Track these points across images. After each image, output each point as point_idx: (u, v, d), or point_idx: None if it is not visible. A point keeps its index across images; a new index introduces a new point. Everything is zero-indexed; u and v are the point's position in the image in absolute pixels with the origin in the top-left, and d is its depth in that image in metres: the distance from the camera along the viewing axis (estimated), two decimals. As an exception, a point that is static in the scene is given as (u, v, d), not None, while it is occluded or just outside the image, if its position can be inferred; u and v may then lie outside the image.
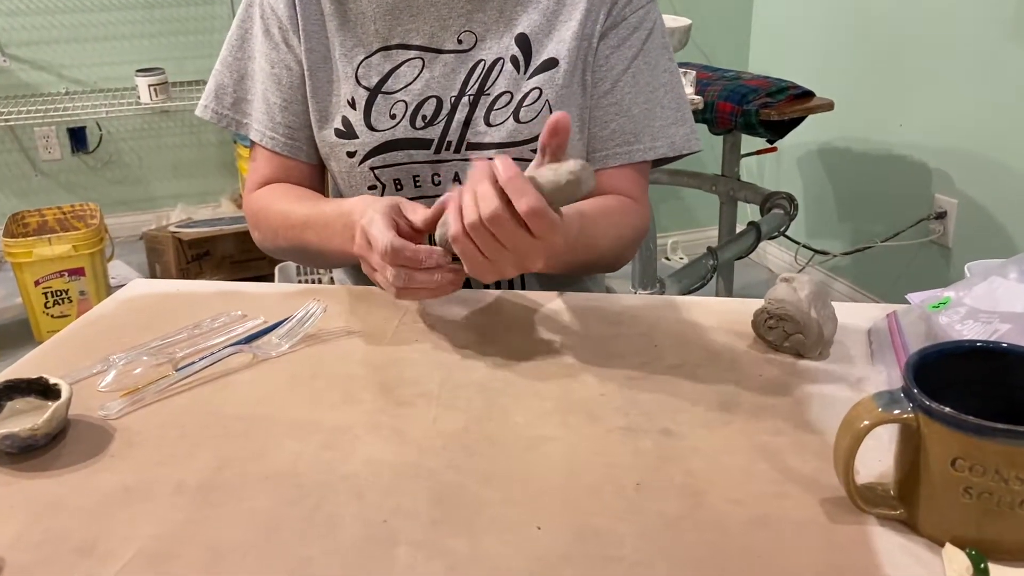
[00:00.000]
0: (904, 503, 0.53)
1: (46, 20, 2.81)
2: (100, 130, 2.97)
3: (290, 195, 0.93)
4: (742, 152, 2.36)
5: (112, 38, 2.87)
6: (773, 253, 2.95)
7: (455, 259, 0.72)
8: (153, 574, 0.50)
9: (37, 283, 2.35)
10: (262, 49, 0.93)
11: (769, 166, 2.92)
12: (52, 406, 0.61)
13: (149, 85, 2.71)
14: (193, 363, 0.71)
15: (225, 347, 0.73)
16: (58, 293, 2.38)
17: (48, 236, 2.36)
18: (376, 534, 0.53)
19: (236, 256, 2.68)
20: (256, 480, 0.58)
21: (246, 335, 0.76)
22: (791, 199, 2.19)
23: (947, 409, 0.48)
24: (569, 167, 0.65)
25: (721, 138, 2.34)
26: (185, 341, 0.76)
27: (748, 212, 2.80)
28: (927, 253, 2.34)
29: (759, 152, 2.42)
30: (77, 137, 2.96)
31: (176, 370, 0.70)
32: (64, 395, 0.62)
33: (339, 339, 0.77)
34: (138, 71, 2.71)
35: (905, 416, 0.51)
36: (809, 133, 2.52)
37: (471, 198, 0.66)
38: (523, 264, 0.68)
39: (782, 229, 2.19)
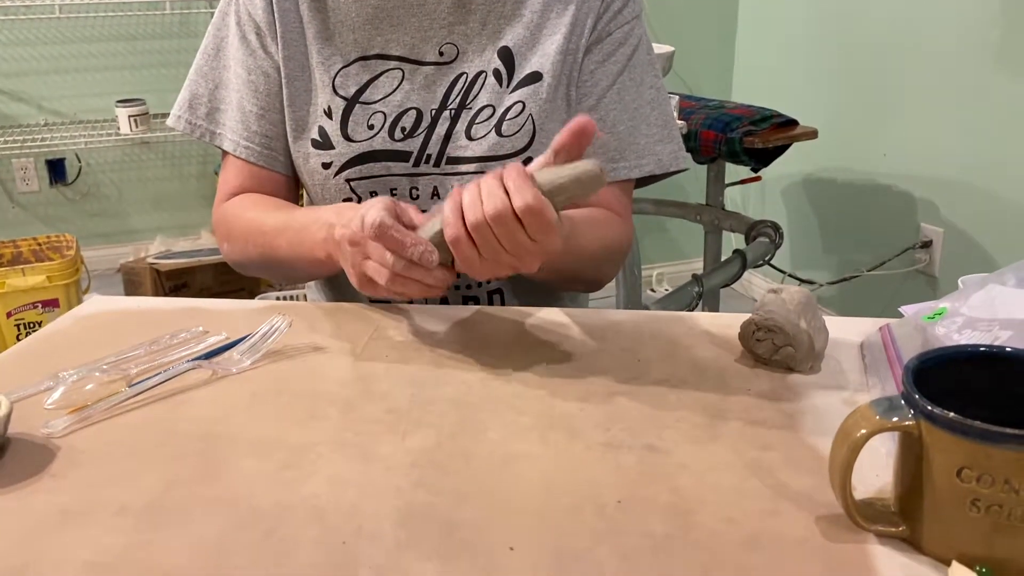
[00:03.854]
0: (906, 519, 0.49)
1: (25, 51, 2.79)
2: (79, 162, 2.93)
3: (265, 203, 0.89)
4: (726, 182, 2.35)
5: (92, 69, 2.85)
6: (758, 284, 2.93)
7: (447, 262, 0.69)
8: (86, 602, 0.45)
9: (9, 314, 2.30)
10: (238, 56, 0.90)
11: (753, 196, 2.91)
12: (-12, 422, 0.56)
13: (129, 116, 2.68)
14: (148, 379, 0.66)
15: (183, 363, 0.69)
16: (31, 325, 2.32)
17: (22, 267, 2.30)
18: (334, 558, 0.48)
19: (214, 288, 2.63)
20: (207, 501, 0.54)
21: (206, 351, 0.72)
22: (776, 227, 2.17)
23: (951, 414, 0.45)
24: (572, 168, 0.63)
25: (705, 167, 2.33)
26: (141, 357, 0.72)
27: (733, 242, 2.79)
28: (913, 282, 2.32)
29: (743, 181, 2.41)
30: (56, 169, 2.92)
31: (129, 386, 0.66)
32: (2, 410, 0.58)
33: (305, 355, 0.73)
34: (118, 102, 2.68)
35: (906, 423, 0.47)
36: (793, 163, 2.52)
37: (475, 196, 0.65)
38: (519, 266, 0.67)
39: (767, 258, 2.16)
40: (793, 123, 2.16)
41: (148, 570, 0.47)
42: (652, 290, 3.03)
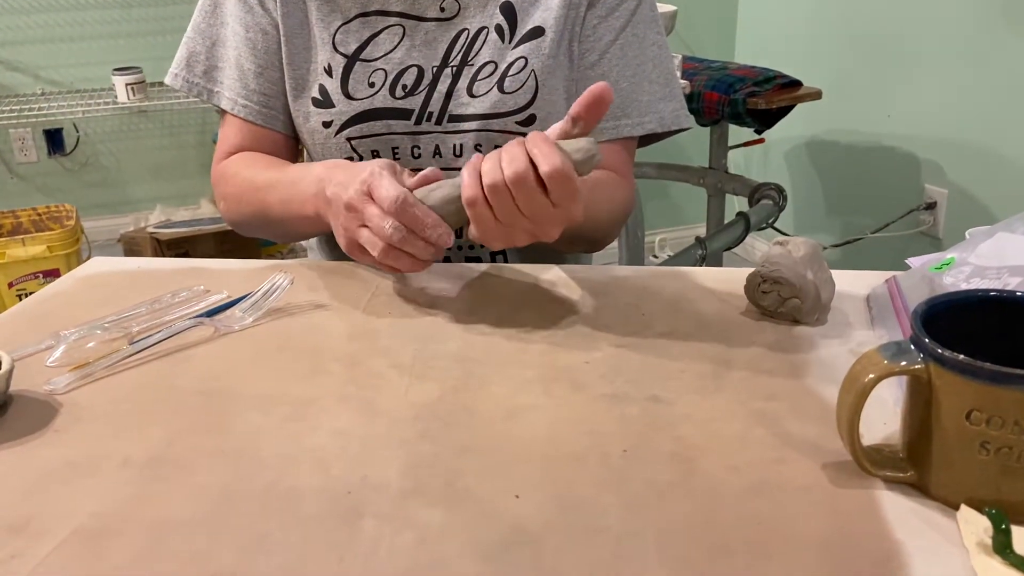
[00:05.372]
0: (914, 464, 0.49)
1: (21, 20, 2.76)
2: (77, 132, 2.91)
3: (260, 161, 0.89)
4: (729, 144, 2.33)
5: (88, 38, 2.82)
6: (761, 248, 2.92)
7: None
8: (90, 552, 0.45)
9: (11, 285, 2.29)
10: (236, 13, 0.89)
11: (756, 160, 2.89)
12: (-10, 378, 0.56)
13: (126, 84, 2.65)
14: (149, 337, 0.66)
15: (185, 321, 0.68)
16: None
17: (22, 237, 2.30)
18: (340, 507, 0.48)
19: (215, 257, 2.62)
20: (211, 454, 0.53)
21: (208, 309, 0.71)
22: (780, 190, 2.16)
23: (961, 356, 0.44)
24: (581, 144, 0.63)
25: (708, 130, 2.31)
26: (143, 316, 0.71)
27: (736, 206, 2.77)
28: (917, 244, 2.31)
29: (747, 144, 2.39)
30: (53, 139, 2.90)
31: (131, 344, 0.65)
32: (4, 367, 0.57)
33: (307, 312, 0.73)
34: (115, 70, 2.66)
35: (915, 367, 0.46)
36: (796, 126, 2.50)
37: (495, 160, 0.63)
38: (538, 232, 0.65)
39: (771, 220, 2.15)
40: (797, 84, 2.14)
41: (153, 521, 0.47)
42: (655, 256, 3.02)
